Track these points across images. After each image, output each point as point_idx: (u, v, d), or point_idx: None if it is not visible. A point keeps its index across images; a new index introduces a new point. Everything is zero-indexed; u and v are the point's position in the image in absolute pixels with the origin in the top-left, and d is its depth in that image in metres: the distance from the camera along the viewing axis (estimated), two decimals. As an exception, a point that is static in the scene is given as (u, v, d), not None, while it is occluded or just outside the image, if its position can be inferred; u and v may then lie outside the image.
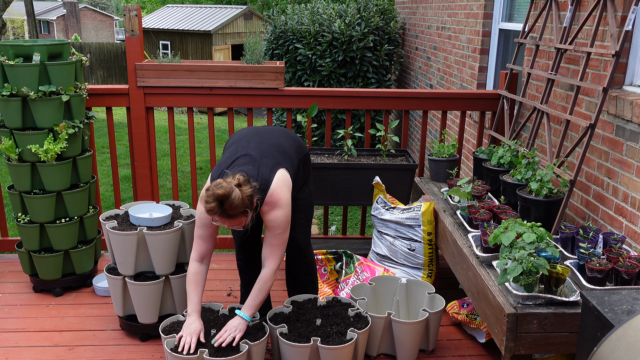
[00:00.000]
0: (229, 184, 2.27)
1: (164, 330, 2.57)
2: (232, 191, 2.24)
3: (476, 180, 3.38)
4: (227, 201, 2.24)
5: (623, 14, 2.73)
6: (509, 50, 4.58)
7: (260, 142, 2.61)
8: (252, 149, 2.56)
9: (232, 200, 2.24)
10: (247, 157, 2.53)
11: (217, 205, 2.25)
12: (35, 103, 3.09)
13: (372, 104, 3.83)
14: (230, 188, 2.25)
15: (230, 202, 2.24)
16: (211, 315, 2.70)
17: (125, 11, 3.55)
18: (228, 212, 2.27)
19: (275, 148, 2.61)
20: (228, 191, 2.24)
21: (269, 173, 2.46)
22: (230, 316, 2.69)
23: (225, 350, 2.43)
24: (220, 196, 2.24)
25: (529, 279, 2.22)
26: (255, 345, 2.47)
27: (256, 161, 2.50)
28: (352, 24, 6.99)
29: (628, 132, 2.62)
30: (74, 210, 3.34)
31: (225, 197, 2.24)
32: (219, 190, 2.24)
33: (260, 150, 2.56)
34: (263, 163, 2.49)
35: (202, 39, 16.83)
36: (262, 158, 2.52)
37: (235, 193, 2.25)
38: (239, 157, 2.53)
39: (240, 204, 2.26)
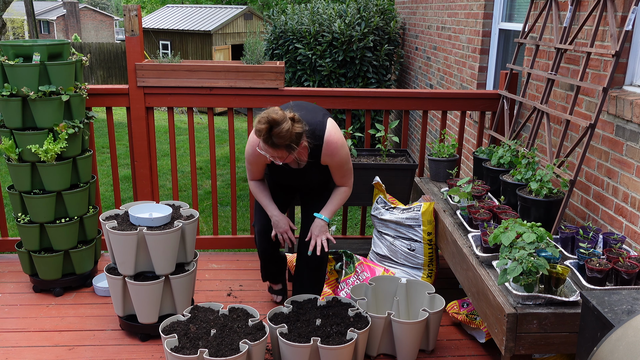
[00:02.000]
0: (285, 114, 2.44)
1: (164, 330, 2.57)
2: (285, 120, 2.41)
3: (476, 180, 3.38)
4: (277, 127, 2.39)
5: (623, 14, 2.73)
6: (509, 50, 4.58)
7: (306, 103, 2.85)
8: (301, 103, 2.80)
9: (282, 128, 2.39)
10: (299, 107, 2.72)
11: (267, 128, 2.40)
12: (35, 103, 3.09)
13: (372, 104, 3.83)
14: (284, 117, 2.42)
15: (279, 129, 2.39)
16: (211, 315, 2.70)
17: (125, 11, 3.55)
18: (273, 139, 2.42)
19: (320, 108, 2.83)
20: (281, 118, 2.40)
21: (321, 118, 2.68)
22: (230, 317, 2.69)
23: (226, 350, 2.43)
24: (273, 120, 2.39)
25: (529, 279, 2.22)
26: (255, 345, 2.47)
27: (310, 111, 2.71)
28: (352, 24, 6.99)
29: (628, 132, 2.62)
30: (74, 210, 3.34)
31: (277, 122, 2.39)
32: (274, 114, 2.40)
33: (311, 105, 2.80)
34: (317, 111, 2.71)
35: (202, 39, 16.83)
36: (315, 108, 2.74)
37: (287, 123, 2.40)
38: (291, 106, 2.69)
39: (287, 135, 2.41)
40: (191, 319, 2.65)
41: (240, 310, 2.75)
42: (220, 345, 2.47)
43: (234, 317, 2.69)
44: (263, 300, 3.35)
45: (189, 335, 2.54)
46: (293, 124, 2.45)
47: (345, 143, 2.75)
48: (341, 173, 2.81)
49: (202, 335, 2.54)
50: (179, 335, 2.53)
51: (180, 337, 2.52)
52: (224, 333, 2.56)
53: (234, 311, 2.74)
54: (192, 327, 2.59)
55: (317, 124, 2.65)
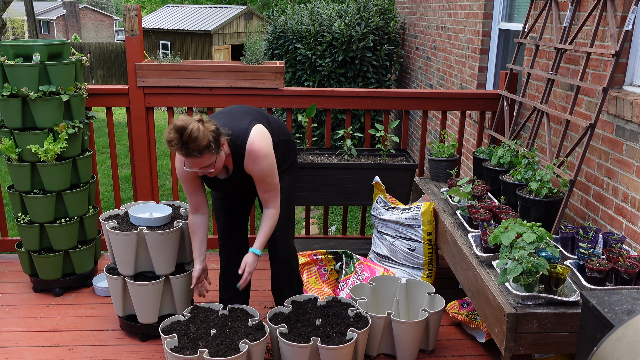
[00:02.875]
0: (189, 117, 2.32)
1: (164, 330, 2.57)
2: (191, 123, 2.29)
3: (476, 180, 3.38)
4: (185, 132, 2.27)
5: (623, 14, 2.73)
6: (509, 50, 4.58)
7: (242, 108, 2.71)
8: (232, 109, 2.68)
9: (191, 132, 2.26)
10: (225, 113, 2.63)
11: (177, 137, 2.28)
12: (35, 103, 3.09)
13: (372, 104, 3.83)
14: (188, 120, 2.30)
15: (188, 133, 2.26)
16: (211, 315, 2.70)
17: (125, 11, 3.55)
18: (189, 145, 2.29)
19: (257, 112, 2.70)
20: (186, 123, 2.28)
21: (247, 124, 2.53)
22: (230, 316, 2.69)
23: (226, 350, 2.43)
24: (179, 127, 2.28)
25: (528, 279, 2.22)
26: (255, 345, 2.47)
27: (235, 117, 2.59)
28: (352, 24, 6.99)
29: (628, 132, 2.62)
30: (74, 210, 3.34)
31: (183, 128, 2.27)
32: (177, 122, 2.29)
33: (242, 111, 2.66)
34: (242, 118, 2.58)
35: (202, 39, 16.83)
36: (242, 114, 2.61)
37: (194, 125, 2.28)
38: (220, 114, 2.62)
39: (201, 135, 2.28)
40: (191, 319, 2.65)
41: (240, 311, 2.75)
42: (220, 345, 2.47)
43: (234, 317, 2.69)
44: (263, 300, 3.35)
45: (189, 335, 2.54)
46: (202, 124, 2.32)
47: (270, 154, 2.53)
48: (264, 187, 2.58)
49: (202, 335, 2.54)
50: (179, 335, 2.53)
51: (180, 337, 2.52)
52: (224, 333, 2.56)
53: (234, 311, 2.74)
54: (192, 327, 2.59)
55: (241, 131, 2.50)
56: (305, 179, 3.51)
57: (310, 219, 5.66)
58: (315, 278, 3.43)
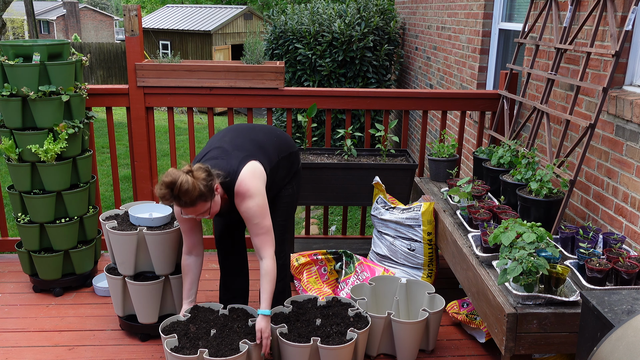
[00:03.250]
0: (178, 171, 2.35)
1: (164, 330, 2.57)
2: (179, 177, 2.31)
3: (476, 180, 3.38)
4: (175, 186, 2.30)
5: (623, 14, 2.73)
6: (509, 50, 4.58)
7: (236, 137, 2.66)
8: (225, 142, 2.62)
9: (181, 186, 2.29)
10: (219, 149, 2.59)
11: (168, 192, 2.32)
12: (35, 103, 3.09)
13: (372, 104, 3.83)
14: (177, 174, 2.32)
15: (178, 187, 2.30)
16: (211, 315, 2.70)
17: (125, 11, 3.55)
18: (182, 198, 2.33)
19: (250, 142, 2.64)
20: (175, 177, 2.31)
21: (237, 164, 2.51)
22: (230, 316, 2.69)
23: (226, 350, 2.43)
24: (168, 183, 2.31)
25: (528, 279, 2.22)
26: (255, 345, 2.47)
27: (227, 153, 2.55)
28: (352, 24, 6.99)
29: (628, 132, 2.62)
30: (74, 210, 3.34)
31: (172, 183, 2.30)
32: (166, 178, 2.33)
33: (234, 143, 2.61)
34: (234, 155, 2.54)
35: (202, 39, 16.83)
36: (234, 150, 2.56)
37: (183, 178, 2.30)
38: (211, 150, 2.59)
39: (191, 188, 2.31)
40: (191, 319, 2.65)
41: (240, 310, 2.74)
42: (220, 345, 2.47)
43: (234, 317, 2.69)
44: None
45: (188, 335, 2.54)
46: (192, 175, 2.33)
47: (258, 194, 2.48)
48: (254, 229, 2.51)
49: (202, 335, 2.54)
50: (179, 335, 2.53)
51: (180, 337, 2.52)
52: (224, 333, 2.56)
53: (233, 311, 2.74)
54: (192, 327, 2.59)
55: (231, 172, 2.48)
56: (305, 179, 3.51)
57: (310, 219, 5.66)
58: (315, 278, 3.43)
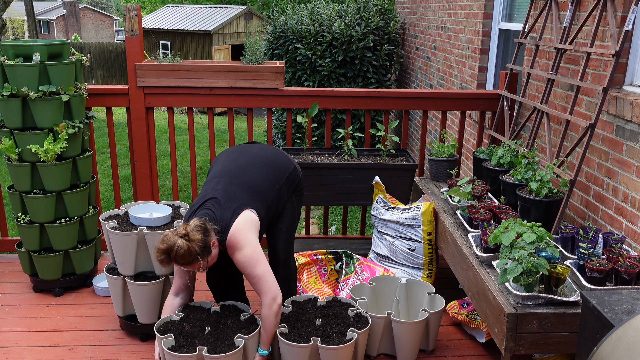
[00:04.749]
0: (174, 236, 2.39)
1: (159, 330, 2.57)
2: (175, 243, 2.36)
3: (476, 180, 3.38)
4: (172, 252, 2.37)
5: (623, 14, 2.73)
6: (509, 50, 4.58)
7: (229, 183, 2.67)
8: (219, 192, 2.64)
9: (177, 252, 2.36)
10: (213, 200, 2.62)
11: (165, 258, 2.39)
12: (35, 103, 3.09)
13: (372, 104, 3.83)
14: (172, 241, 2.37)
15: (175, 253, 2.36)
16: (203, 313, 2.70)
17: (125, 11, 3.55)
18: (179, 261, 2.39)
19: (243, 188, 2.66)
20: (170, 244, 2.37)
21: (230, 217, 2.54)
22: (222, 314, 2.69)
23: (223, 346, 2.44)
24: (164, 250, 2.37)
25: (529, 279, 2.22)
26: (250, 338, 2.47)
27: (221, 205, 2.59)
28: (352, 24, 6.99)
29: (628, 132, 2.62)
30: (74, 210, 3.34)
31: (169, 250, 2.36)
32: (162, 245, 2.39)
33: (227, 192, 2.63)
34: (226, 207, 2.57)
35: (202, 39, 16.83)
36: (226, 202, 2.59)
37: (179, 244, 2.35)
38: (207, 201, 2.62)
39: (187, 253, 2.36)
40: (184, 318, 2.65)
41: (232, 307, 2.75)
42: (217, 341, 2.48)
43: (226, 314, 2.69)
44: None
45: (184, 334, 2.55)
46: (188, 237, 2.37)
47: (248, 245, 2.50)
48: (249, 276, 2.52)
49: (197, 333, 2.55)
50: (174, 334, 2.53)
51: (176, 337, 2.52)
52: (219, 330, 2.57)
53: (225, 308, 2.74)
54: (186, 325, 2.59)
55: (224, 225, 2.52)
56: (305, 179, 3.51)
57: (310, 219, 5.66)
58: (315, 278, 3.43)
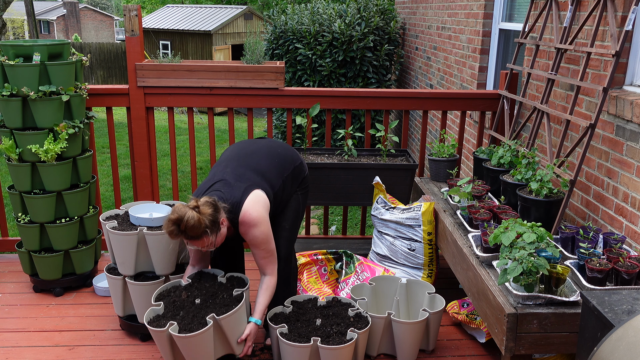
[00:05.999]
0: (184, 207, 2.41)
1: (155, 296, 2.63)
2: (185, 214, 2.37)
3: (476, 180, 3.38)
4: (182, 223, 2.37)
5: (623, 14, 2.73)
6: (509, 50, 4.58)
7: (238, 166, 2.71)
8: (228, 174, 2.67)
9: (187, 222, 2.36)
10: (222, 182, 2.64)
11: (175, 229, 2.39)
12: (35, 103, 3.09)
13: (372, 104, 3.83)
14: (183, 212, 2.38)
15: (185, 223, 2.36)
16: (209, 282, 2.70)
17: (125, 11, 3.55)
18: (188, 233, 2.39)
19: (253, 171, 2.69)
20: (181, 214, 2.37)
21: (240, 195, 2.57)
22: (223, 286, 2.68)
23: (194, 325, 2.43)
24: (175, 220, 2.38)
25: (529, 279, 2.22)
26: (223, 319, 2.43)
27: (230, 185, 2.61)
28: (352, 24, 6.99)
29: (628, 132, 2.62)
30: (74, 210, 3.34)
31: (179, 220, 2.37)
32: (172, 215, 2.40)
33: (236, 174, 2.66)
34: (236, 186, 2.60)
35: (202, 39, 16.84)
36: (236, 182, 2.62)
37: (189, 215, 2.37)
38: (215, 183, 2.64)
39: (196, 225, 2.37)
40: (188, 286, 2.67)
41: (237, 279, 2.74)
42: (195, 317, 2.48)
43: (227, 286, 2.68)
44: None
45: (176, 303, 2.57)
46: (198, 210, 2.39)
47: (262, 222, 2.56)
48: (259, 254, 2.62)
49: (187, 304, 2.56)
50: (167, 302, 2.57)
51: (168, 305, 2.56)
52: (207, 304, 2.57)
53: (231, 279, 2.74)
54: (184, 294, 2.62)
55: (235, 203, 2.55)
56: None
57: (310, 219, 5.66)
58: (316, 278, 3.43)
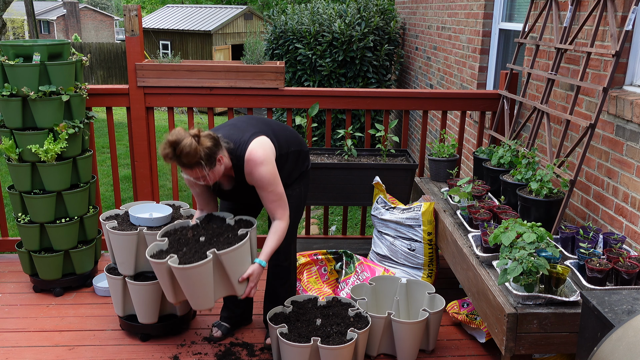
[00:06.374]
0: (185, 132, 2.37)
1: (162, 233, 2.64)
2: (184, 138, 2.34)
3: (476, 180, 3.38)
4: (178, 147, 2.33)
5: (623, 14, 2.73)
6: (509, 50, 4.58)
7: (249, 119, 2.75)
8: (238, 121, 2.70)
9: (183, 147, 2.32)
10: (231, 125, 2.66)
11: (171, 152, 2.35)
12: (35, 103, 3.09)
13: (372, 104, 3.83)
14: (182, 135, 2.35)
15: (180, 148, 2.32)
16: (217, 223, 2.70)
17: (125, 11, 3.55)
18: (182, 159, 2.35)
19: (263, 124, 2.70)
20: (179, 137, 2.34)
21: (248, 137, 2.56)
22: (229, 227, 2.67)
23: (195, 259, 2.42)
24: (172, 142, 2.34)
25: (529, 279, 2.22)
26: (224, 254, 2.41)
27: (240, 129, 2.61)
28: (352, 24, 6.99)
29: (628, 132, 2.62)
30: (74, 210, 3.34)
31: (176, 142, 2.33)
32: (171, 137, 2.36)
33: (247, 123, 2.68)
34: (246, 130, 2.60)
35: (202, 39, 16.84)
36: (247, 127, 2.62)
37: (187, 140, 2.33)
38: (224, 127, 2.65)
39: (192, 152, 2.33)
40: (196, 226, 2.68)
41: (244, 222, 2.72)
42: (197, 253, 2.48)
43: (234, 228, 2.66)
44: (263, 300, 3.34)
45: (180, 240, 2.58)
46: (198, 139, 2.36)
47: (268, 162, 2.52)
48: (267, 197, 2.56)
49: (191, 242, 2.57)
50: (173, 239, 2.58)
51: (172, 242, 2.57)
52: (211, 242, 2.57)
53: (239, 222, 2.71)
54: (190, 232, 2.63)
55: (242, 143, 2.53)
56: (305, 179, 3.51)
57: (310, 219, 5.66)
58: (316, 278, 3.43)
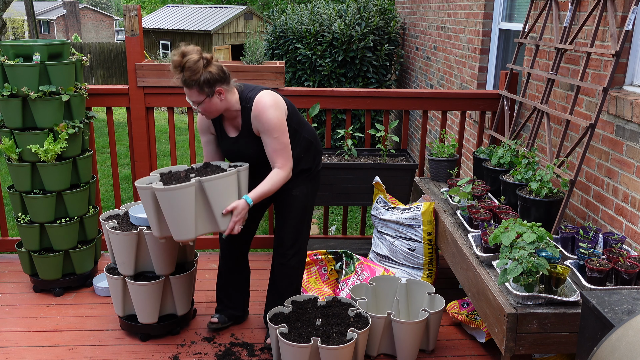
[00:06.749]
0: (198, 52, 2.49)
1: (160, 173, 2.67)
2: (193, 56, 2.46)
3: (476, 180, 3.38)
4: (185, 59, 2.45)
5: (623, 14, 2.73)
6: (509, 50, 4.58)
7: None
8: None
9: (188, 62, 2.44)
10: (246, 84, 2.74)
11: (179, 60, 2.46)
12: (35, 103, 3.09)
13: (372, 104, 3.83)
14: (193, 51, 2.48)
15: (186, 61, 2.44)
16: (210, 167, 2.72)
17: (125, 11, 3.55)
18: (184, 73, 2.46)
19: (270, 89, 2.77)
20: (189, 52, 2.47)
21: (260, 88, 2.65)
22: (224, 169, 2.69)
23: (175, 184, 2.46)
24: (183, 52, 2.47)
25: (529, 279, 2.22)
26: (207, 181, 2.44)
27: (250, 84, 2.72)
28: (352, 24, 6.99)
29: (628, 132, 2.62)
30: (74, 210, 3.34)
31: (186, 54, 2.46)
32: (185, 47, 2.49)
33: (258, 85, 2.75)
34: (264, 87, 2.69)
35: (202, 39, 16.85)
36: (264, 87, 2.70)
37: (195, 57, 2.46)
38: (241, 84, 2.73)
39: (194, 68, 2.44)
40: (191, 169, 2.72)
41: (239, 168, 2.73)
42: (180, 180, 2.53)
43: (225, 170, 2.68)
44: (263, 300, 3.34)
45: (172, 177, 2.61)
46: (206, 61, 2.47)
47: (279, 107, 2.57)
48: (272, 144, 2.55)
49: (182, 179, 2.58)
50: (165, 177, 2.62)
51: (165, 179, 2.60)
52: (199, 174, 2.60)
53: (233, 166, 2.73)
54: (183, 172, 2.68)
55: (254, 89, 2.64)
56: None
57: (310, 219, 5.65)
58: (316, 278, 3.43)
